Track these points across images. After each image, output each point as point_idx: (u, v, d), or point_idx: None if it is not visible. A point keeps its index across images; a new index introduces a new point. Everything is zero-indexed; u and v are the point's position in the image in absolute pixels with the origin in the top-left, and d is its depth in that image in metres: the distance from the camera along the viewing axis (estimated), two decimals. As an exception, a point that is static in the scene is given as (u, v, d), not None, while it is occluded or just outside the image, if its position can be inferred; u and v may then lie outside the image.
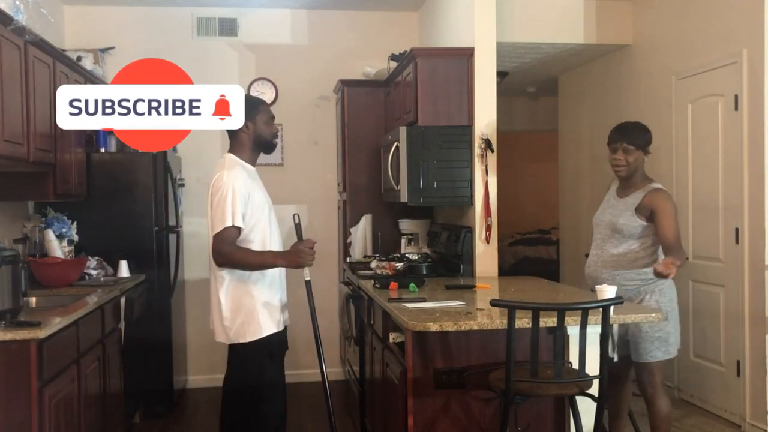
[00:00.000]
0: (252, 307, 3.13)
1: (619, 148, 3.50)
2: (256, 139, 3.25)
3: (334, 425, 3.37)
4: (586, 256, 4.04)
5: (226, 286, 3.13)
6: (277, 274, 3.26)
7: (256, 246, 3.14)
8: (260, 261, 3.12)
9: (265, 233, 3.19)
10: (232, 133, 3.25)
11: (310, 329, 3.37)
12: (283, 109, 5.67)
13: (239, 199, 3.04)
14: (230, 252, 3.04)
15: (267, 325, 3.16)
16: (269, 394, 3.22)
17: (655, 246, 3.52)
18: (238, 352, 3.20)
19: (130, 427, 4.64)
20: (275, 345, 3.23)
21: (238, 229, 3.06)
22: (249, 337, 3.14)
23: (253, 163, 3.29)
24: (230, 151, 3.26)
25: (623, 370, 3.68)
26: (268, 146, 3.34)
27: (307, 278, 3.34)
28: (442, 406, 3.03)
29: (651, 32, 5.39)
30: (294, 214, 3.34)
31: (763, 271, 4.26)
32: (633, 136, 3.50)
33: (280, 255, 3.19)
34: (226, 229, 3.03)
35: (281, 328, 3.25)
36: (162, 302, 4.89)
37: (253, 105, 3.25)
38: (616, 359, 3.52)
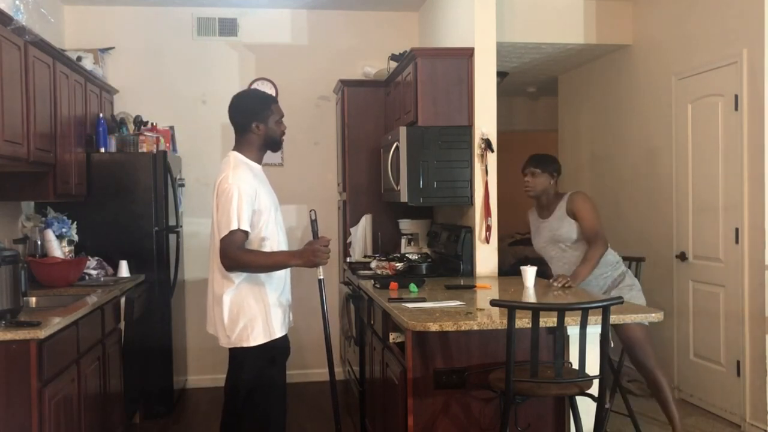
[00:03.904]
0: (256, 311, 3.02)
1: (528, 172, 4.03)
2: (266, 139, 3.15)
3: (341, 427, 3.34)
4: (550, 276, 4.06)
5: (234, 288, 3.00)
6: (283, 275, 3.14)
7: (268, 246, 3.03)
8: (272, 262, 3.00)
9: (273, 233, 3.07)
10: (239, 132, 3.14)
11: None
12: (283, 109, 5.63)
13: (245, 201, 2.92)
14: (238, 256, 2.90)
15: (270, 330, 3.03)
16: (270, 400, 3.13)
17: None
18: (239, 357, 3.08)
19: (130, 427, 4.63)
20: (278, 350, 3.12)
21: (245, 233, 2.95)
22: (251, 342, 3.01)
23: (259, 161, 3.17)
24: (235, 149, 3.14)
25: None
26: (277, 145, 3.24)
27: (321, 277, 3.23)
28: (442, 406, 3.03)
29: (651, 32, 5.39)
30: (311, 210, 3.22)
31: (763, 271, 4.26)
32: (539, 161, 4.03)
33: (295, 254, 3.06)
34: (232, 232, 2.89)
35: (285, 332, 3.14)
36: (162, 302, 4.89)
37: (264, 104, 3.15)
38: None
